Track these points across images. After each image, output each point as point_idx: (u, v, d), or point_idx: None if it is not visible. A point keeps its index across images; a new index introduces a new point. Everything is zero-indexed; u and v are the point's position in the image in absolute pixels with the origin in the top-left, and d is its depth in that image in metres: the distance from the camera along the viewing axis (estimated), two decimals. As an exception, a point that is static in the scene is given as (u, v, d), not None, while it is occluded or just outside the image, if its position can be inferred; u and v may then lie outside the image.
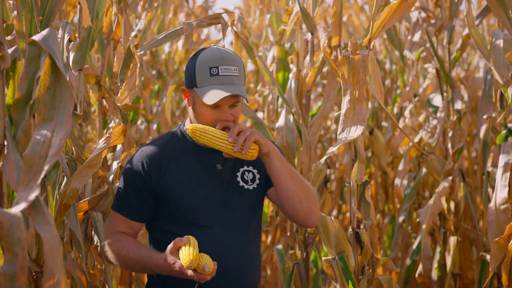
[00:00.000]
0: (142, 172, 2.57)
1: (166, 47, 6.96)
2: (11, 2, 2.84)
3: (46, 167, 1.86)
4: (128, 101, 3.34)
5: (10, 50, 2.25)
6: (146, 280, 2.99)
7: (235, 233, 2.58)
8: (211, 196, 2.57)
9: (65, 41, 2.88)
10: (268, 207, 5.25)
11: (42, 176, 1.86)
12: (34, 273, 2.53)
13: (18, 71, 2.27)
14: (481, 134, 3.90)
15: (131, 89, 3.30)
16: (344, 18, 7.69)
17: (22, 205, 1.80)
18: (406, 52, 5.03)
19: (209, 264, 2.27)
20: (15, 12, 2.79)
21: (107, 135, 2.78)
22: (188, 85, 2.56)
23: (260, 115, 6.04)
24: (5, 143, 2.07)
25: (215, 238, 2.54)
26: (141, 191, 2.58)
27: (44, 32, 2.00)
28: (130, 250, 2.50)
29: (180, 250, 2.31)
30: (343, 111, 2.80)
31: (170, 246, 2.35)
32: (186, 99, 2.61)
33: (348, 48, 2.86)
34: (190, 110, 2.62)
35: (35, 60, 2.00)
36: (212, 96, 2.44)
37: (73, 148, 2.98)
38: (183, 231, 2.48)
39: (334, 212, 6.98)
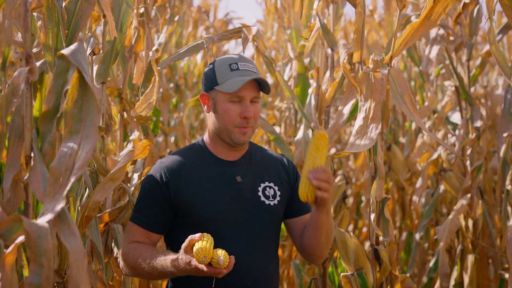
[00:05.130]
0: (160, 183, 2.58)
1: (185, 59, 7.00)
2: (35, 14, 2.89)
3: (72, 179, 1.89)
4: (145, 114, 3.35)
5: (38, 63, 2.29)
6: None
7: (254, 249, 2.58)
8: (229, 209, 2.57)
9: (87, 54, 2.92)
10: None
11: (68, 188, 1.88)
12: (56, 284, 2.54)
13: (45, 84, 2.30)
14: (501, 153, 3.88)
15: (148, 103, 3.32)
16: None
17: (48, 217, 1.82)
18: (422, 68, 5.03)
19: (223, 258, 2.25)
20: (39, 23, 2.84)
21: (130, 148, 2.80)
22: (208, 88, 2.62)
23: (277, 129, 6.05)
24: (32, 155, 2.10)
25: (234, 252, 2.51)
26: (159, 202, 2.59)
27: (72, 47, 2.03)
28: (147, 256, 2.48)
29: (194, 247, 2.29)
30: (356, 127, 2.79)
31: (184, 244, 2.33)
32: (206, 105, 2.64)
33: (369, 65, 2.87)
34: (210, 117, 2.64)
35: (63, 74, 2.04)
36: (235, 84, 2.51)
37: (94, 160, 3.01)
38: None
39: (350, 227, 6.96)
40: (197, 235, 2.31)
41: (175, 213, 2.60)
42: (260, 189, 2.64)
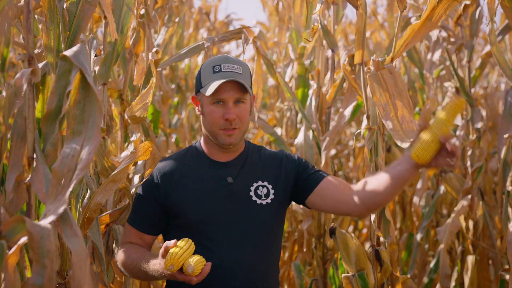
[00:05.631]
0: (153, 186, 2.63)
1: (186, 60, 7.00)
2: (35, 16, 2.89)
3: (75, 181, 1.89)
4: (139, 114, 3.35)
5: (40, 65, 2.29)
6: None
7: (246, 249, 2.57)
8: (219, 210, 2.57)
9: (92, 56, 2.92)
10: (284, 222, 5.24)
11: (70, 189, 1.89)
12: (58, 285, 2.54)
13: (47, 85, 2.31)
14: (502, 154, 3.88)
15: (144, 103, 3.32)
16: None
17: (51, 218, 1.83)
18: (426, 71, 5.04)
19: (193, 265, 2.23)
20: (40, 26, 2.84)
21: (132, 150, 2.80)
22: (196, 90, 2.65)
23: (278, 131, 6.05)
24: (34, 156, 2.10)
25: (224, 253, 2.53)
26: (151, 204, 2.62)
27: (75, 48, 2.03)
28: (135, 258, 2.52)
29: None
30: (390, 127, 2.74)
31: (161, 251, 2.34)
32: (196, 107, 2.67)
33: (370, 67, 2.88)
34: (201, 119, 2.66)
35: (66, 75, 2.04)
36: (212, 86, 2.50)
37: (96, 161, 3.01)
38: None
39: (350, 228, 6.95)
40: (172, 241, 2.31)
41: (167, 214, 2.63)
42: (253, 188, 2.64)
